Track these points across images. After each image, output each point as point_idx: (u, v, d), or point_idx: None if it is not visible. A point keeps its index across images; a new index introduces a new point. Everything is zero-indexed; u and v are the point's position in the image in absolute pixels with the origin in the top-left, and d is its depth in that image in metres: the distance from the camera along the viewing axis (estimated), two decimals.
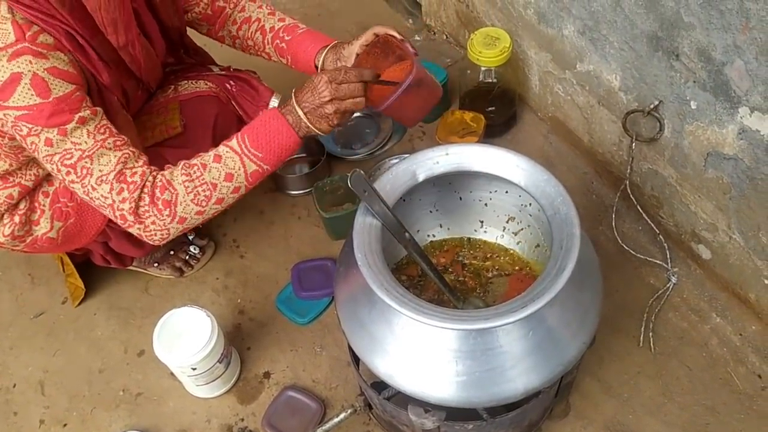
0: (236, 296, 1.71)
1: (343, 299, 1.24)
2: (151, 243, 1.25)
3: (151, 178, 1.20)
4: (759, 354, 1.48)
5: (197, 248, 1.75)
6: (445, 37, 2.19)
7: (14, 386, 1.62)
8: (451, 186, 1.36)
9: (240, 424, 1.52)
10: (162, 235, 1.23)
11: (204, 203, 1.22)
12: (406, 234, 1.20)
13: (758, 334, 1.50)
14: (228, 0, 1.54)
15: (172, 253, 1.72)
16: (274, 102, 1.54)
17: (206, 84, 1.53)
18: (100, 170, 1.18)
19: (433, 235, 1.43)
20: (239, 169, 1.22)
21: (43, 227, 1.42)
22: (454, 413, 1.18)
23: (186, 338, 1.43)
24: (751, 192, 1.34)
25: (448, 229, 1.43)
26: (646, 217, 1.60)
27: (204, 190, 1.21)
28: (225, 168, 1.21)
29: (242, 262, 1.77)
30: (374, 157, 1.94)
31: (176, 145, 1.41)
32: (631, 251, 1.62)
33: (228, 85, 1.52)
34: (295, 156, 1.96)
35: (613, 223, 1.65)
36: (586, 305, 1.15)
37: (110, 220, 1.44)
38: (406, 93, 1.23)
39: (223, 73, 1.58)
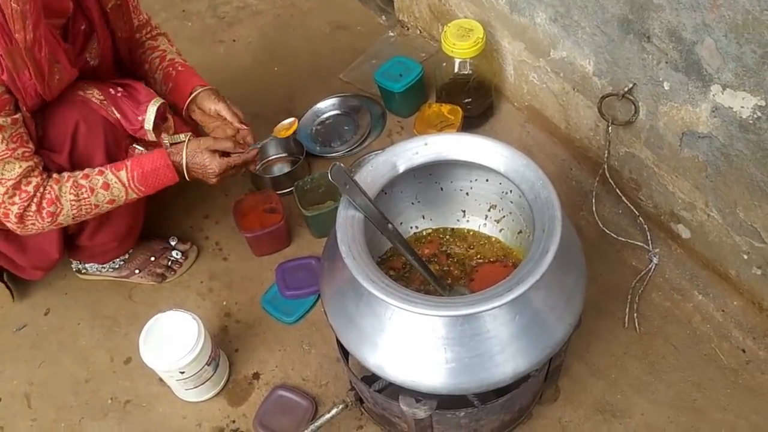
0: (221, 299, 1.70)
1: (329, 294, 1.24)
2: (23, 235, 1.39)
3: (42, 190, 1.32)
4: (742, 329, 1.50)
5: (179, 253, 1.74)
6: (418, 31, 2.20)
7: (0, 400, 1.59)
8: (432, 177, 1.37)
9: (231, 426, 1.51)
10: (37, 231, 1.37)
11: (83, 215, 1.39)
12: (389, 225, 1.20)
13: (740, 309, 1.52)
14: (146, 30, 1.62)
15: (152, 259, 1.71)
16: (152, 107, 1.44)
17: (86, 91, 1.43)
18: (2, 174, 1.27)
19: (416, 227, 1.43)
20: (122, 197, 1.40)
21: None
22: (445, 402, 1.19)
23: (173, 342, 1.41)
24: (727, 169, 1.36)
25: (431, 219, 1.43)
26: (626, 200, 1.62)
27: (87, 208, 1.37)
28: (110, 195, 1.38)
29: (226, 265, 1.76)
30: (354, 154, 1.94)
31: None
32: (613, 234, 1.64)
33: (112, 90, 1.45)
34: (275, 156, 1.96)
35: (594, 208, 1.66)
36: (571, 287, 1.16)
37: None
38: (267, 234, 1.70)
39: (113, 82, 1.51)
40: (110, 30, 1.45)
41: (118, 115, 1.41)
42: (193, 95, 1.54)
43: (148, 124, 1.41)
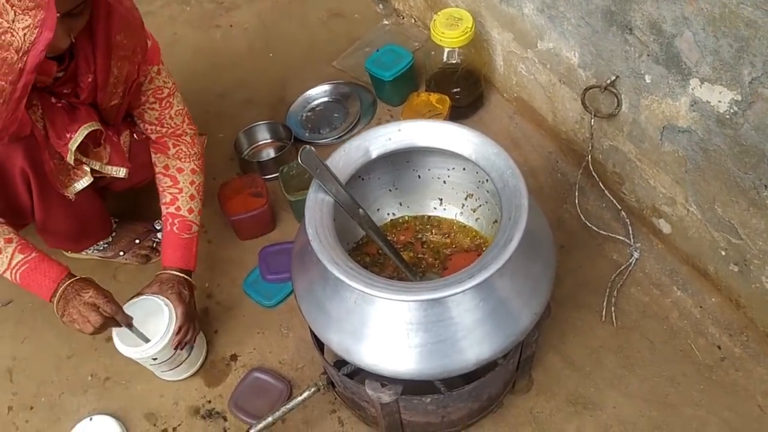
0: (203, 280, 1.71)
1: (299, 278, 1.24)
2: None
3: None
4: (718, 325, 1.50)
5: None
6: (413, 20, 2.20)
7: None
8: (409, 164, 1.37)
9: (207, 406, 1.53)
10: None
11: None
12: (360, 210, 1.20)
13: (717, 306, 1.51)
14: (176, 145, 1.54)
15: (137, 242, 1.73)
16: (84, 131, 1.36)
17: None
18: None
19: (393, 214, 1.44)
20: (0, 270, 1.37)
21: None
22: (414, 387, 1.20)
23: (145, 329, 1.41)
24: (705, 164, 1.35)
25: (408, 207, 1.43)
26: (609, 194, 1.61)
27: None
28: None
29: (209, 247, 1.78)
30: (342, 141, 1.94)
31: None
32: (595, 228, 1.63)
33: (53, 99, 1.37)
34: (263, 141, 1.97)
35: (577, 201, 1.66)
36: (537, 276, 1.16)
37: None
38: (251, 218, 1.72)
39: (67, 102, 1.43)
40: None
41: (46, 123, 1.34)
42: (160, 273, 1.49)
43: (74, 145, 1.35)
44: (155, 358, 1.42)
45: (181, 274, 1.49)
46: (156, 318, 1.42)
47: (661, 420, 1.40)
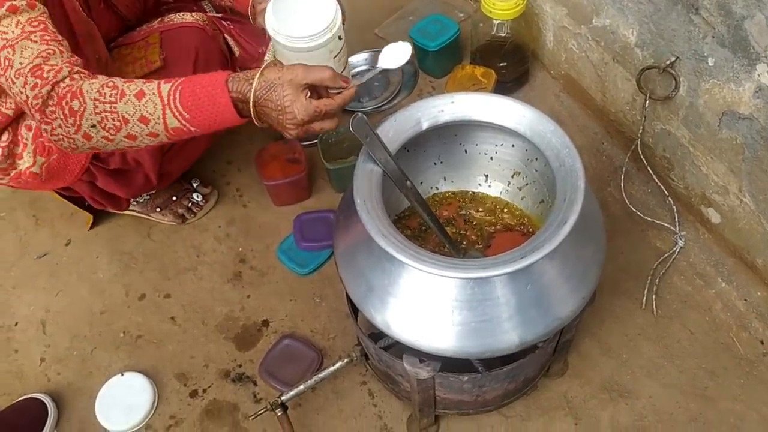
0: (237, 245, 1.70)
1: (342, 247, 1.22)
2: (60, 148, 1.17)
3: (67, 80, 1.08)
4: (763, 320, 1.46)
5: (200, 196, 1.75)
6: None
7: (16, 324, 1.63)
8: (456, 138, 1.33)
9: (237, 370, 1.52)
10: (68, 143, 1.12)
11: (112, 132, 1.09)
12: (407, 182, 1.18)
13: (763, 300, 1.47)
14: None
15: (174, 199, 1.72)
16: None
17: (193, 16, 1.42)
18: (20, 62, 1.07)
19: (437, 188, 1.41)
20: (158, 119, 1.08)
21: (26, 161, 1.38)
22: (449, 365, 1.18)
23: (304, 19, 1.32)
24: (765, 153, 1.30)
25: (452, 182, 1.40)
26: (656, 179, 1.57)
27: (113, 120, 1.08)
28: (143, 109, 1.08)
29: (245, 211, 1.76)
30: (382, 110, 1.91)
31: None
32: (639, 213, 1.59)
33: (225, 22, 1.41)
34: None
35: (622, 185, 1.61)
36: (587, 260, 1.13)
37: (94, 158, 1.42)
38: (287, 184, 1.71)
39: (219, 15, 1.49)
40: None
41: (235, 48, 1.36)
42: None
43: (271, 56, 1.33)
44: (341, 37, 1.37)
45: None
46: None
47: (698, 412, 1.38)
